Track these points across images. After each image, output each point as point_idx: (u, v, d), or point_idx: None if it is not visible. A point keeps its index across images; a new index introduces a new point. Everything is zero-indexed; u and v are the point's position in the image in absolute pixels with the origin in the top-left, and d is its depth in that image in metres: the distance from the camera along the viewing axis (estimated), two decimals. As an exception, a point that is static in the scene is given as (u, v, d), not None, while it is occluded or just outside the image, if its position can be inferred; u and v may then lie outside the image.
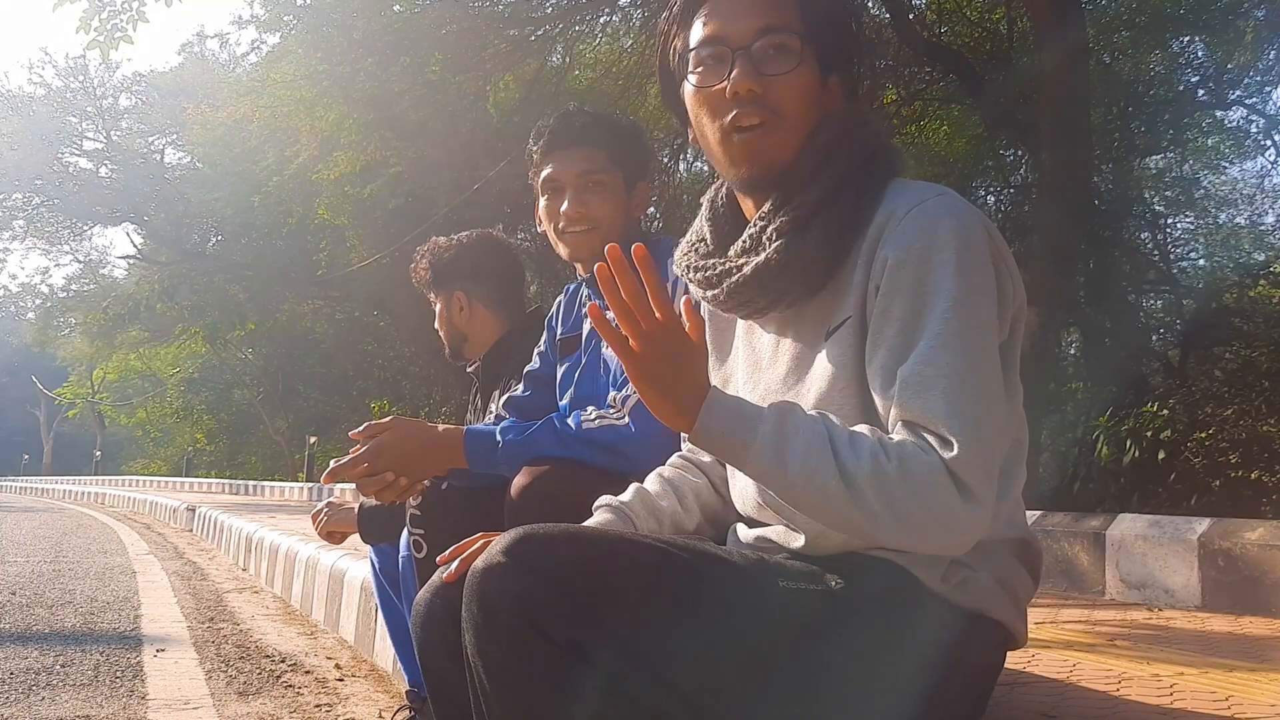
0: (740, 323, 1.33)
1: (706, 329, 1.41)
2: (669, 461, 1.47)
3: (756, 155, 1.20)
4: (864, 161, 1.20)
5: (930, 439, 1.04)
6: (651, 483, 1.41)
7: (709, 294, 1.26)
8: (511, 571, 1.02)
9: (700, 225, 1.33)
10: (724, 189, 1.33)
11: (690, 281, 1.30)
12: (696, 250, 1.31)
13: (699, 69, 1.23)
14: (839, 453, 1.04)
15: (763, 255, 1.19)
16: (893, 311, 1.11)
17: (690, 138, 1.30)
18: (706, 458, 1.44)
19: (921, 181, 1.20)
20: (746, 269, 1.20)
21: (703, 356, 1.11)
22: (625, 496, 1.38)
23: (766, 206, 1.22)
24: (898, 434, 1.06)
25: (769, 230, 1.19)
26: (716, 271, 1.24)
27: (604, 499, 1.39)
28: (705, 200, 1.35)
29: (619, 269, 1.05)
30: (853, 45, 1.28)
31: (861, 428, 1.08)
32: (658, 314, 1.06)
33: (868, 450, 1.04)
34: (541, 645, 1.01)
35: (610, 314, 1.08)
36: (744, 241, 1.23)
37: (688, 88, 1.25)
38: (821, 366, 1.18)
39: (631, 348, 1.07)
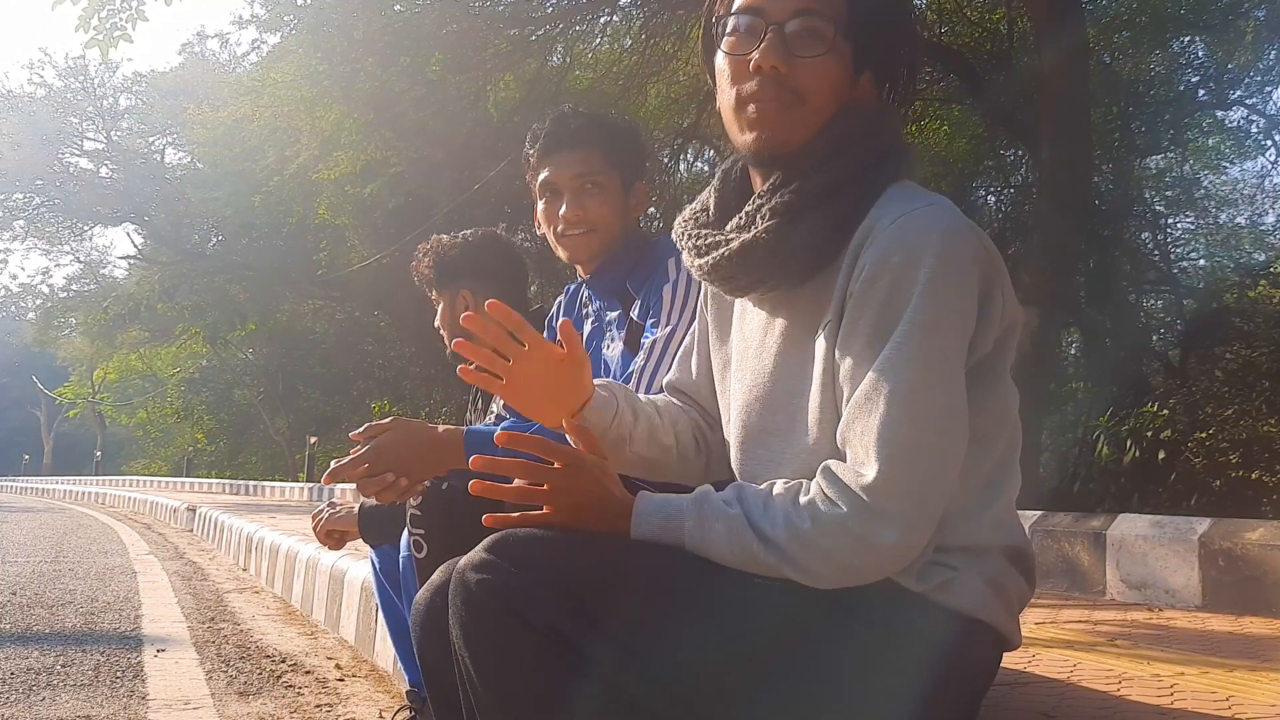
0: (737, 302, 1.33)
1: (709, 307, 1.41)
2: (664, 395, 1.48)
3: (768, 125, 1.20)
4: (874, 159, 1.20)
5: (849, 467, 1.09)
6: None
7: (696, 263, 1.26)
8: (494, 566, 1.06)
9: (706, 194, 1.34)
10: (740, 162, 1.32)
11: (683, 249, 1.30)
12: (696, 219, 1.31)
13: (732, 35, 1.23)
14: (757, 526, 1.10)
15: (752, 233, 1.19)
16: (860, 325, 1.11)
17: (716, 105, 1.29)
18: (695, 399, 1.44)
19: (919, 189, 1.19)
20: (734, 244, 1.20)
21: (610, 474, 1.19)
22: (607, 382, 1.38)
23: (767, 184, 1.21)
24: (815, 481, 1.10)
25: (763, 209, 1.19)
26: (707, 242, 1.25)
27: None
28: (720, 170, 1.34)
29: (488, 489, 1.15)
30: (896, 48, 1.26)
31: (778, 488, 1.12)
32: (557, 464, 1.14)
33: (781, 516, 1.09)
34: (526, 636, 1.04)
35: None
36: (740, 218, 1.23)
37: (719, 52, 1.25)
38: (808, 364, 1.18)
39: (545, 497, 1.14)
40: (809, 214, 1.17)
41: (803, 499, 1.09)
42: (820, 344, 1.16)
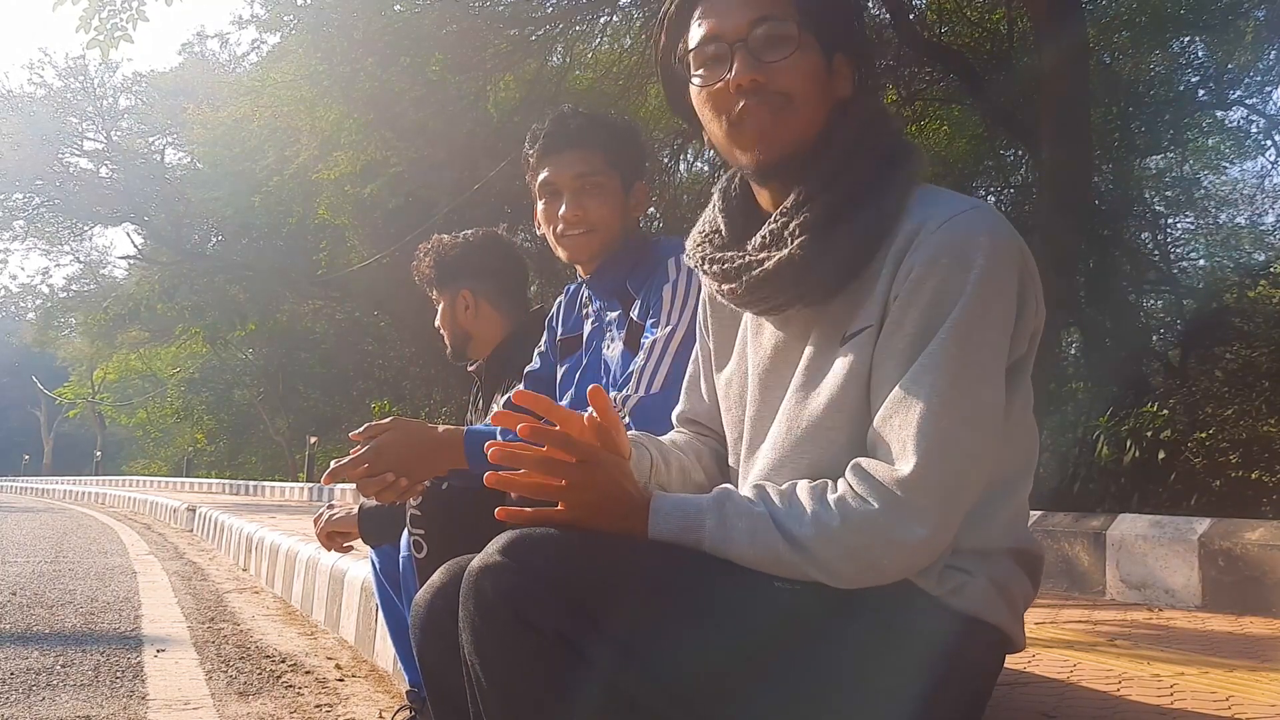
0: (748, 320, 1.31)
1: (710, 328, 1.41)
2: (676, 430, 1.47)
3: (767, 137, 1.19)
4: (886, 161, 1.19)
5: (882, 462, 1.07)
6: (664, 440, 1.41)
7: (725, 288, 1.24)
8: (507, 569, 1.04)
9: (714, 215, 1.32)
10: (736, 178, 1.31)
11: (705, 274, 1.28)
12: (711, 241, 1.29)
13: (701, 69, 1.23)
14: (782, 525, 1.08)
15: (785, 251, 1.17)
16: (905, 325, 1.11)
17: (706, 141, 1.29)
18: (711, 427, 1.43)
19: (952, 192, 1.19)
20: (768, 264, 1.18)
21: (627, 473, 1.16)
22: (636, 434, 1.36)
23: (789, 201, 1.20)
24: (843, 479, 1.09)
25: (792, 226, 1.18)
26: (735, 265, 1.22)
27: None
28: (717, 190, 1.33)
29: (502, 480, 1.13)
30: (853, 20, 1.26)
31: (803, 486, 1.10)
32: (575, 459, 1.11)
33: (809, 514, 1.08)
34: (537, 641, 1.03)
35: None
36: (764, 236, 1.21)
37: (693, 89, 1.25)
38: (834, 373, 1.17)
39: (561, 493, 1.11)
40: (838, 224, 1.16)
41: (831, 496, 1.08)
42: (854, 346, 1.15)
